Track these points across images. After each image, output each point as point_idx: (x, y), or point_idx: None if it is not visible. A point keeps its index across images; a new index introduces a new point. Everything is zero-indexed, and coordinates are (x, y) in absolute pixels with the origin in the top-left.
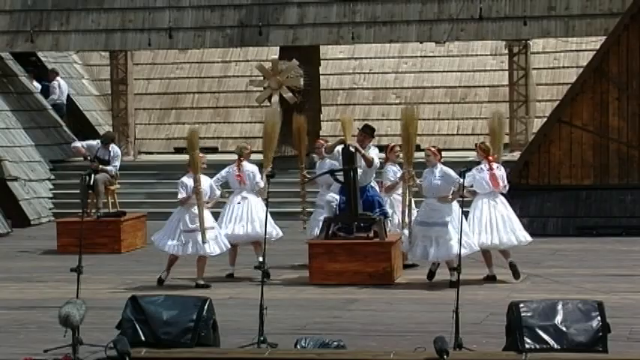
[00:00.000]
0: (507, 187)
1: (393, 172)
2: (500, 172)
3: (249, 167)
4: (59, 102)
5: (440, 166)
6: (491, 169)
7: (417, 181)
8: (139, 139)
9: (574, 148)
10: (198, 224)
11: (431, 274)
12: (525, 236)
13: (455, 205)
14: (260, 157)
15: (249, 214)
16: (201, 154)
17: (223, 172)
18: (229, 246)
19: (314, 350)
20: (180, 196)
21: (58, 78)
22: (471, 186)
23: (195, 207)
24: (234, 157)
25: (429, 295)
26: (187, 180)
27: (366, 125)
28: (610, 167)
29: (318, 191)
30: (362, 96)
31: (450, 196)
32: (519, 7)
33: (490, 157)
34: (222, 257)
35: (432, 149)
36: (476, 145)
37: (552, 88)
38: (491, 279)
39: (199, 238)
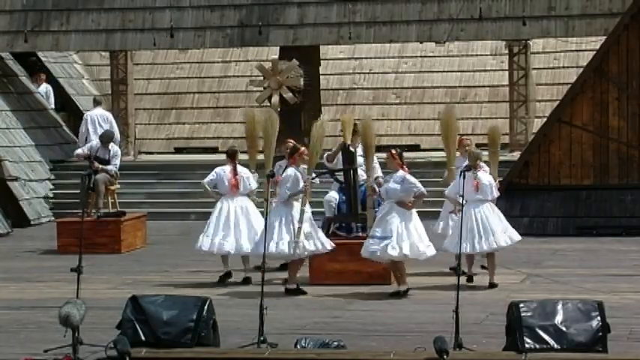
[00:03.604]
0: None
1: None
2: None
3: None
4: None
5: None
6: None
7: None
8: (139, 139)
9: (574, 148)
10: None
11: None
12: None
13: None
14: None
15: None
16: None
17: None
18: None
19: (314, 350)
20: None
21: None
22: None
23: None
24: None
25: (429, 295)
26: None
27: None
28: (610, 167)
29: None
30: (362, 96)
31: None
32: (519, 7)
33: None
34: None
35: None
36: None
37: (552, 88)
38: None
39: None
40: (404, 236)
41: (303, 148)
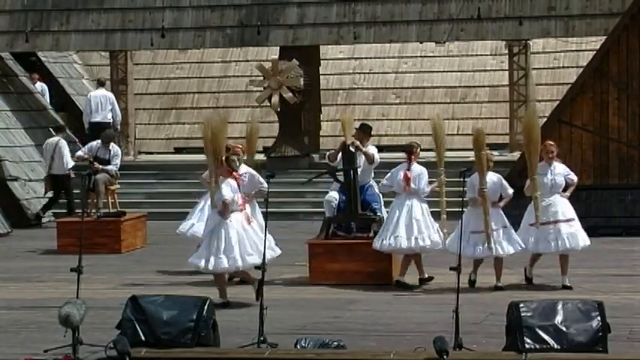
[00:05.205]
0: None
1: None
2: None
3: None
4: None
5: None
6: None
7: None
8: (139, 139)
9: (574, 148)
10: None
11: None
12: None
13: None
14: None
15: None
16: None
17: None
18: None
19: (314, 350)
20: (469, 195)
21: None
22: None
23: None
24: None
25: (429, 295)
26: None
27: (364, 124)
28: (610, 167)
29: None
30: (362, 96)
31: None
32: (519, 7)
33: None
34: None
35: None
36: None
37: (552, 88)
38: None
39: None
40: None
41: (240, 146)
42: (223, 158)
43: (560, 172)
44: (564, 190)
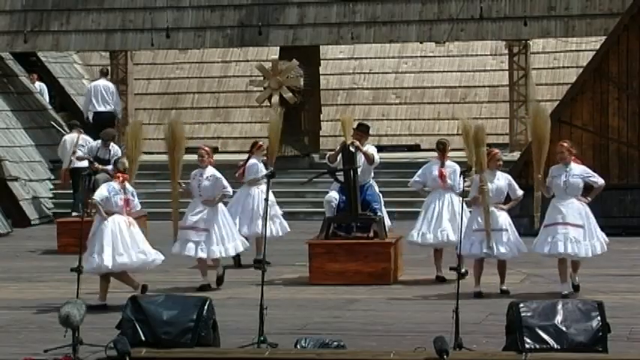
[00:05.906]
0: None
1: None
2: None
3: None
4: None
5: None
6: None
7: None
8: None
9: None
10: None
11: None
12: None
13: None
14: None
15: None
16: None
17: None
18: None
19: (314, 350)
20: (472, 194)
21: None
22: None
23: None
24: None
25: (429, 295)
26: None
27: (361, 124)
28: (610, 167)
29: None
30: (362, 96)
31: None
32: (519, 7)
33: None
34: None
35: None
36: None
37: (552, 88)
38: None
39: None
40: None
41: (261, 142)
42: (113, 160)
43: (577, 173)
44: (587, 191)
